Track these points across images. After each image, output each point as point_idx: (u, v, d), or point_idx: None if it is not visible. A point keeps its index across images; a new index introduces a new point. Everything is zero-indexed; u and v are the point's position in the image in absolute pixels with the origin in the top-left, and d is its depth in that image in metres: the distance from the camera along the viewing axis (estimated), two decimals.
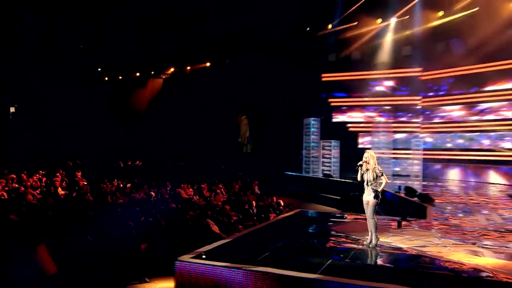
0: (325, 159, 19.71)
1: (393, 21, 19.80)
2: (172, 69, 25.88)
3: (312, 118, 20.31)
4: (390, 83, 22.11)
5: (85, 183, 14.84)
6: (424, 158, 18.15)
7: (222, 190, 15.02)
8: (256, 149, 24.05)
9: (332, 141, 19.56)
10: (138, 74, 26.14)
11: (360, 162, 7.22)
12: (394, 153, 19.53)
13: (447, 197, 14.09)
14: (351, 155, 19.76)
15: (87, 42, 23.34)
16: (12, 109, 24.47)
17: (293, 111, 21.83)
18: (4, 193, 11.49)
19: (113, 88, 27.68)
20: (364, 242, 7.57)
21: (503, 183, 17.40)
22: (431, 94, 21.00)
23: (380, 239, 7.45)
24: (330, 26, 20.69)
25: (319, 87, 22.49)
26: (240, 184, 16.43)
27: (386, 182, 7.36)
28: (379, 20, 19.88)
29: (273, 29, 20.57)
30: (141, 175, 18.37)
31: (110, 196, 12.91)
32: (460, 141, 20.02)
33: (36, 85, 22.82)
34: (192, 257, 6.64)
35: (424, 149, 18.69)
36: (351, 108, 23.02)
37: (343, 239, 8.15)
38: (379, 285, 5.59)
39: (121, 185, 15.75)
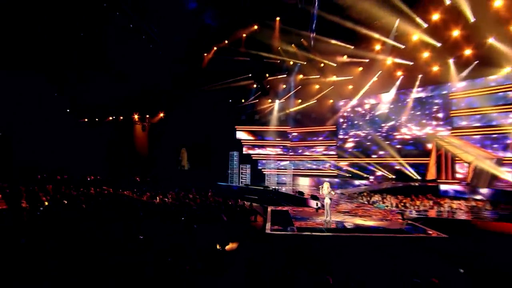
0: (242, 175, 21.52)
1: (277, 102, 23.29)
2: (136, 116, 24.16)
3: (234, 151, 22.08)
4: (295, 134, 24.00)
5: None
6: (293, 174, 22.12)
7: (195, 195, 14.51)
8: (194, 168, 23.85)
9: (247, 164, 21.67)
10: (111, 118, 23.47)
11: (321, 187, 10.21)
12: (278, 172, 23.26)
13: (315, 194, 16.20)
14: (256, 173, 22.89)
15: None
16: None
17: (221, 146, 22.62)
18: None
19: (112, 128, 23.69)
20: (323, 220, 10.12)
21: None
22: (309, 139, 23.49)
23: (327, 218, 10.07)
24: (243, 100, 23.33)
25: (235, 133, 24.06)
26: (193, 191, 15.86)
27: (334, 194, 10.41)
28: (269, 100, 23.31)
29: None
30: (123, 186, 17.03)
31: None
32: (309, 165, 23.47)
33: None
34: (271, 230, 8.41)
35: (294, 169, 22.77)
36: (256, 146, 24.11)
37: (311, 220, 10.14)
38: (361, 234, 8.00)
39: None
